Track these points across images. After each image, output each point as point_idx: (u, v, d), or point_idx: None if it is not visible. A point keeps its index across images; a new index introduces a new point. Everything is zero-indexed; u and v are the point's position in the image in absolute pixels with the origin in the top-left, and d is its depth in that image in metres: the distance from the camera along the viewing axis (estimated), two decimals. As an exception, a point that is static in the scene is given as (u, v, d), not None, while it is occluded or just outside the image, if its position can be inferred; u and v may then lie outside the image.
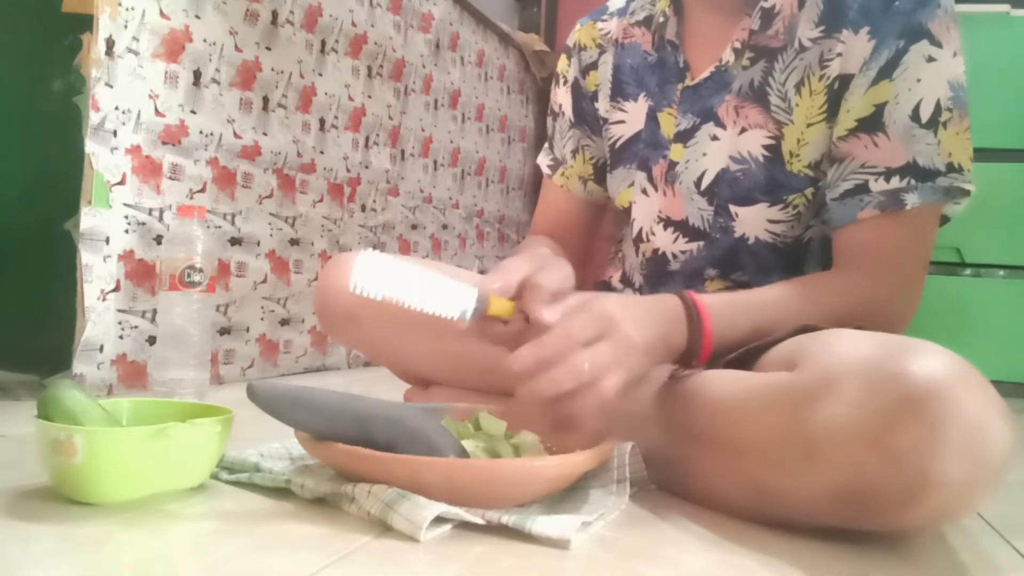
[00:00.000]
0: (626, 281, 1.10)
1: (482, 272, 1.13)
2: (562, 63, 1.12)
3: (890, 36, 0.82)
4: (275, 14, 1.47)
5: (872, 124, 0.83)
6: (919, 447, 0.56)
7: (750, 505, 0.69)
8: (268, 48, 1.45)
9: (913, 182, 0.82)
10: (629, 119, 1.03)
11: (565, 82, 1.11)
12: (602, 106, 1.07)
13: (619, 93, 1.04)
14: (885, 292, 0.85)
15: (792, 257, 0.94)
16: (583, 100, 1.09)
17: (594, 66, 1.07)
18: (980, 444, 0.56)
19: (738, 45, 0.91)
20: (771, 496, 0.65)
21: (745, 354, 0.78)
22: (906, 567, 0.62)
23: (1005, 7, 2.13)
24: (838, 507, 0.62)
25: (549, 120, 1.15)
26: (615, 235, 1.19)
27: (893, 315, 0.87)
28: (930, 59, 0.81)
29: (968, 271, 2.11)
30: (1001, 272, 2.09)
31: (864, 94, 0.84)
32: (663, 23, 0.97)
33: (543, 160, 1.16)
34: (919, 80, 0.81)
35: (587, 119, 1.10)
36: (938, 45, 0.81)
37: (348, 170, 1.72)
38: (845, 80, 0.85)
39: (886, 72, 0.82)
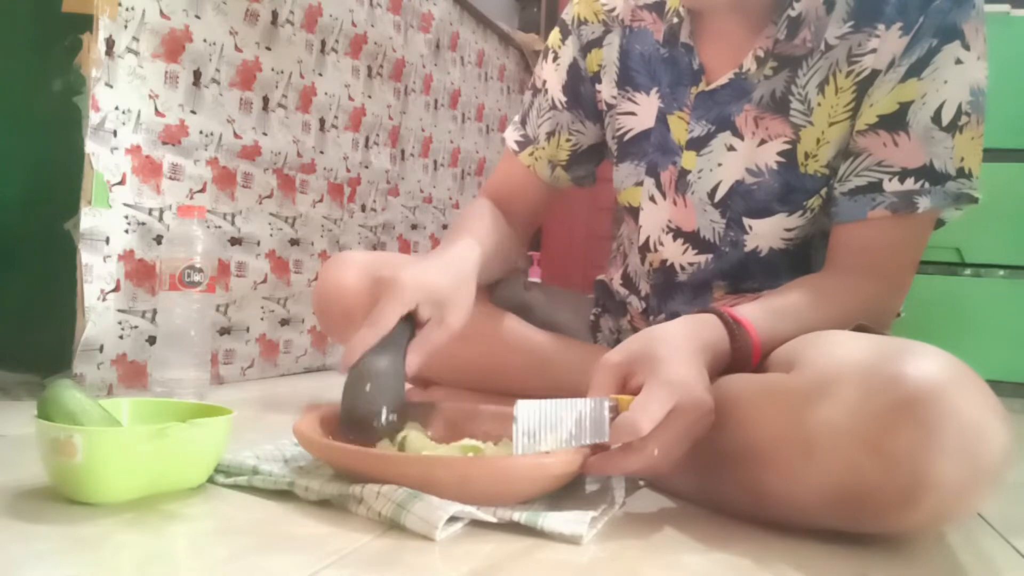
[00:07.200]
0: (628, 284, 1.08)
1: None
2: (554, 38, 1.05)
3: (925, 34, 0.80)
4: (275, 14, 1.47)
5: (895, 122, 0.82)
6: (915, 449, 0.56)
7: (749, 506, 0.69)
8: (268, 48, 1.45)
9: (927, 185, 0.81)
10: (640, 112, 0.97)
11: (556, 59, 1.04)
12: (606, 91, 1.01)
13: (628, 81, 0.98)
14: (885, 292, 0.85)
15: (800, 256, 0.93)
16: (581, 83, 1.02)
17: (598, 43, 1.00)
18: (976, 445, 0.56)
19: (761, 53, 0.86)
20: (769, 497, 0.65)
21: None
22: (906, 567, 0.62)
23: (1005, 7, 2.13)
24: (836, 509, 0.62)
25: (527, 94, 1.08)
26: (614, 233, 1.18)
27: (888, 314, 0.87)
28: (958, 61, 0.80)
29: (968, 271, 2.11)
30: (1001, 272, 2.09)
31: (891, 90, 0.81)
32: (676, 24, 0.91)
33: (511, 135, 1.08)
34: (946, 82, 0.80)
35: (583, 103, 1.03)
36: (967, 47, 0.80)
37: (348, 170, 1.72)
38: (876, 75, 0.83)
39: (916, 70, 0.80)
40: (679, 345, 0.69)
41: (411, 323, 0.78)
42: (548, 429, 0.62)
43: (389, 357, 0.73)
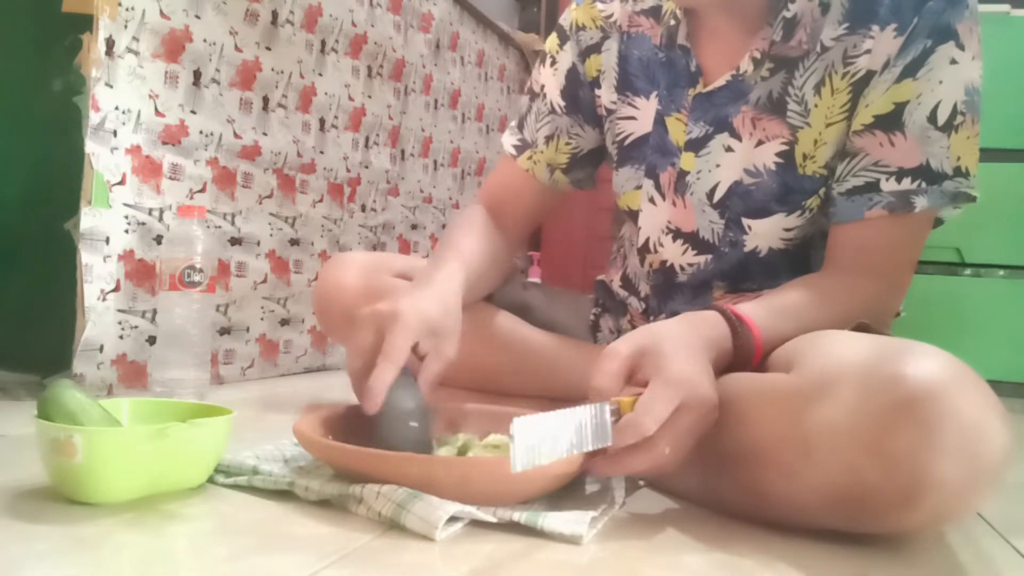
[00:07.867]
0: (628, 285, 1.09)
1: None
2: (552, 43, 1.05)
3: (920, 34, 0.80)
4: (275, 14, 1.47)
5: (890, 122, 0.82)
6: (915, 450, 0.56)
7: (749, 506, 0.69)
8: (268, 48, 1.45)
9: (923, 184, 0.81)
10: (641, 116, 0.98)
11: (554, 64, 1.04)
12: (606, 96, 1.01)
13: (628, 87, 0.99)
14: (884, 291, 0.85)
15: (799, 257, 0.93)
16: (580, 88, 1.02)
17: (596, 49, 1.00)
18: (976, 445, 0.56)
19: (757, 55, 0.87)
20: (769, 497, 0.65)
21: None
22: (906, 567, 0.62)
23: (1005, 7, 2.13)
24: (835, 509, 0.62)
25: (524, 99, 1.08)
26: (615, 234, 1.18)
27: (887, 314, 0.87)
28: (953, 61, 0.80)
29: (968, 271, 2.11)
30: (1001, 272, 2.09)
31: (886, 91, 0.82)
32: (674, 26, 0.92)
33: (509, 139, 1.08)
34: (941, 82, 0.80)
35: (582, 108, 1.03)
36: (961, 47, 0.80)
37: (348, 170, 1.72)
38: (871, 76, 0.83)
39: (911, 70, 0.81)
40: (684, 342, 0.69)
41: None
42: (547, 444, 0.59)
43: (411, 391, 0.75)
